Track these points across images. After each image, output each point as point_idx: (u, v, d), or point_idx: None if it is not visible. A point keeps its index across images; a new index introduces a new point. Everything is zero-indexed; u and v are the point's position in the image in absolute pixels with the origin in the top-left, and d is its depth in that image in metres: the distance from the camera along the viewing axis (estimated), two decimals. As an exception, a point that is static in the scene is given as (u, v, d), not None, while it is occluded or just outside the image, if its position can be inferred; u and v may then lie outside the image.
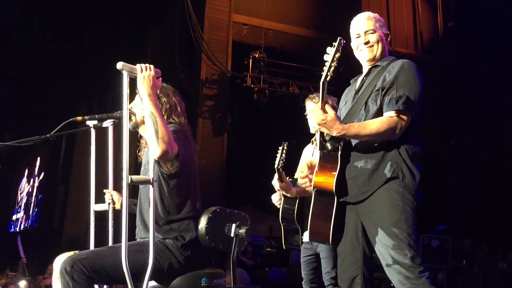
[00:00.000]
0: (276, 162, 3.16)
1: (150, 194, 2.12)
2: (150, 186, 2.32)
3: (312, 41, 10.52)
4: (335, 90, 2.91)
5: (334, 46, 2.12)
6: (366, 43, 2.37)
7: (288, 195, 3.16)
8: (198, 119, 9.44)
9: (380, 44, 2.38)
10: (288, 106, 10.14)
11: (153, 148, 2.13)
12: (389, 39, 2.44)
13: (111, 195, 2.61)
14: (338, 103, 2.70)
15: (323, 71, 2.13)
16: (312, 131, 3.37)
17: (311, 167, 2.28)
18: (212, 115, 9.66)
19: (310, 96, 3.41)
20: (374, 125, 2.15)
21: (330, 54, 2.12)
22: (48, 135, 2.32)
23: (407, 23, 11.26)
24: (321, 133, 2.22)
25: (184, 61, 9.89)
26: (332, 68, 2.12)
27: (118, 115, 2.20)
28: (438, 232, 7.59)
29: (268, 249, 8.93)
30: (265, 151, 3.41)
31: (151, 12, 11.28)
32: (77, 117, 2.34)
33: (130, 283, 1.96)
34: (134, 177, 2.08)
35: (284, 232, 3.25)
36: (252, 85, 9.73)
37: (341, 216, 2.22)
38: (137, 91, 2.34)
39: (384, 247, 2.10)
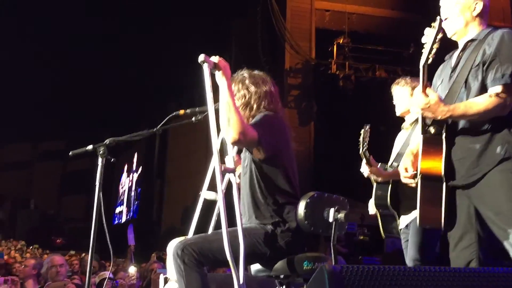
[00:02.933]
0: (360, 147, 3.09)
1: (233, 183, 2.23)
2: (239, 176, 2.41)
3: (398, 22, 10.13)
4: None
5: (434, 27, 2.05)
6: (445, 19, 2.25)
7: (379, 179, 3.08)
8: (284, 109, 9.51)
9: (461, 18, 2.23)
10: (376, 91, 9.88)
11: (226, 135, 2.23)
12: (481, 8, 2.27)
13: None
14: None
15: (422, 53, 2.06)
16: (398, 113, 3.27)
17: (415, 156, 2.22)
18: (297, 104, 9.67)
19: (397, 81, 3.31)
20: (481, 104, 2.04)
21: (430, 35, 2.05)
22: (155, 129, 2.47)
23: (503, -7, 10.47)
24: (423, 117, 2.14)
25: (267, 52, 9.98)
26: (434, 51, 2.05)
27: (217, 107, 2.29)
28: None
29: (361, 237, 8.81)
30: (353, 138, 3.35)
31: (233, 6, 11.49)
32: (180, 111, 2.46)
33: (233, 266, 2.06)
34: (224, 166, 2.24)
35: (381, 219, 3.17)
36: (337, 72, 9.60)
37: (451, 201, 2.14)
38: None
39: (508, 232, 2.00)
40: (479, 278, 1.31)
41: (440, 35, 2.05)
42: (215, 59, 2.25)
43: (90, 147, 2.41)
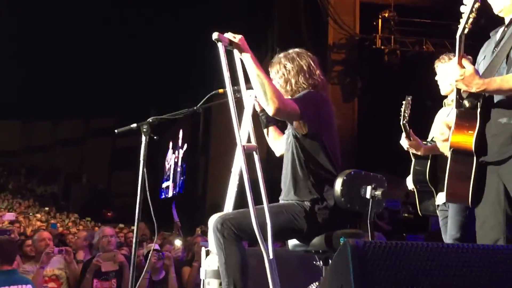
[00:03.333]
0: (401, 118, 3.04)
1: (256, 160, 2.24)
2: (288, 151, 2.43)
3: (447, -7, 9.74)
4: (474, 45, 2.72)
5: None
6: None
7: (418, 153, 3.04)
8: (327, 81, 9.39)
9: None
10: (422, 66, 9.59)
11: (266, 108, 2.23)
12: None
13: None
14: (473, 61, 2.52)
15: (459, 23, 2.01)
16: (443, 92, 3.19)
17: (450, 128, 2.19)
18: (341, 80, 9.54)
19: (440, 57, 3.22)
20: None
21: (468, 4, 2.00)
22: (195, 108, 2.53)
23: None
24: (458, 90, 2.10)
25: (310, 27, 9.85)
26: (471, 20, 1.99)
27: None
28: None
29: (405, 214, 8.70)
30: (398, 115, 3.31)
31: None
32: (219, 90, 2.50)
33: (262, 242, 2.10)
34: (246, 145, 2.26)
35: (418, 196, 3.14)
36: (382, 47, 9.37)
37: (481, 177, 2.11)
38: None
39: None
40: (504, 256, 1.30)
41: (477, 4, 1.99)
42: (229, 35, 2.24)
43: (134, 125, 2.50)
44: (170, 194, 21.01)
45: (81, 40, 16.28)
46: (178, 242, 5.61)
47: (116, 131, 2.65)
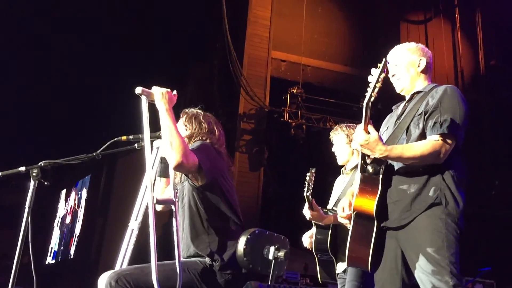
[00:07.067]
0: (305, 189, 3.11)
1: (173, 213, 2.20)
2: (185, 205, 2.36)
3: (350, 78, 10.55)
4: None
5: (379, 67, 2.14)
6: (393, 75, 2.39)
7: (321, 223, 3.09)
8: (235, 153, 9.51)
9: (408, 75, 2.38)
10: (325, 142, 10.07)
11: (169, 159, 2.21)
12: (425, 65, 2.40)
13: None
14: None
15: (367, 92, 2.14)
16: (339, 162, 3.34)
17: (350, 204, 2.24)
18: (249, 149, 9.71)
19: (334, 129, 3.40)
20: (418, 148, 2.12)
21: (375, 75, 2.14)
22: (94, 154, 2.41)
23: (447, 61, 11.16)
24: (363, 156, 2.19)
25: (222, 96, 10.07)
26: (376, 89, 2.13)
27: (160, 134, 2.28)
28: (481, 275, 7.22)
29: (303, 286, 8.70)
30: (301, 186, 3.38)
31: (192, 49, 11.62)
32: (122, 137, 2.44)
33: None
34: (160, 197, 2.23)
35: (319, 264, 3.16)
36: (289, 120, 9.78)
37: (381, 242, 2.16)
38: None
39: (425, 274, 2.03)
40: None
41: (383, 75, 2.15)
42: (154, 89, 2.30)
43: (22, 168, 2.31)
44: (60, 258, 19.39)
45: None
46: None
47: (0, 173, 2.42)
